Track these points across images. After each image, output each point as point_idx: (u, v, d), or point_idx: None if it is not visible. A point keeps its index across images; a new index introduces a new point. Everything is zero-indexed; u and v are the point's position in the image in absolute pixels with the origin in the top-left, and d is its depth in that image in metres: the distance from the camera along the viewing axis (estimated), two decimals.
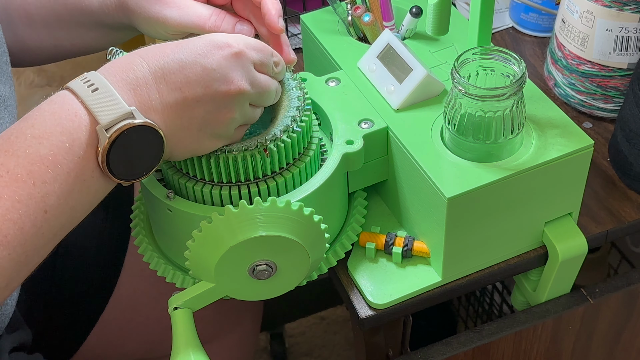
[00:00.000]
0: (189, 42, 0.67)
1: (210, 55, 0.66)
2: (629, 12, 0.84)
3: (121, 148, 0.62)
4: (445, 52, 0.85)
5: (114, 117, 0.61)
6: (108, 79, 0.63)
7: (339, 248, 0.78)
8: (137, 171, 0.65)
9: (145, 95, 0.64)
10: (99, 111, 0.62)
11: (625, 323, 0.92)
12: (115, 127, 0.61)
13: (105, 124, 0.61)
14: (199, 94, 0.65)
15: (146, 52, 0.66)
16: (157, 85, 0.64)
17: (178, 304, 0.72)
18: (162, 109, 0.64)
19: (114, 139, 0.61)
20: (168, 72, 0.65)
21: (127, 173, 0.64)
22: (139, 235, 0.81)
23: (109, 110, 0.62)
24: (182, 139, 0.66)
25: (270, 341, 1.57)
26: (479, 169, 0.73)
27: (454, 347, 0.82)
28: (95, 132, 0.62)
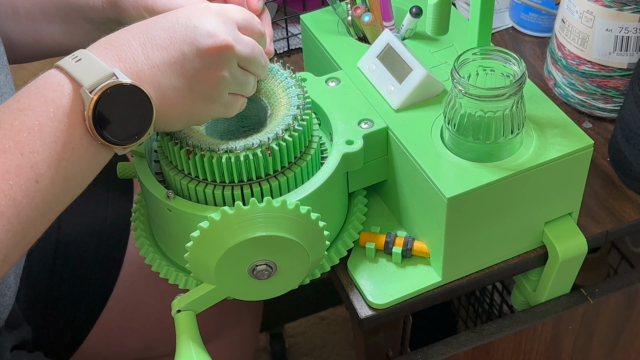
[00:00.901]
0: (170, 12, 0.68)
1: (192, 16, 0.67)
2: (629, 12, 0.84)
3: (107, 108, 0.62)
4: (445, 52, 0.85)
5: (96, 79, 0.62)
6: (92, 50, 0.65)
7: (341, 246, 0.78)
8: (128, 133, 0.64)
9: (130, 58, 0.64)
10: (80, 76, 0.62)
11: (625, 323, 0.92)
12: (98, 87, 0.62)
13: (88, 86, 0.62)
14: (184, 51, 0.65)
15: (130, 26, 0.67)
16: (142, 48, 0.65)
17: (181, 306, 0.72)
18: (148, 70, 0.65)
19: (97, 99, 0.62)
20: (152, 36, 0.65)
21: (118, 135, 0.64)
22: (140, 238, 0.81)
23: (91, 73, 0.62)
24: (173, 101, 0.66)
25: (270, 341, 1.57)
26: (479, 169, 0.73)
27: (454, 347, 0.82)
28: (77, 98, 0.62)
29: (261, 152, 0.70)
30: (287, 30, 1.04)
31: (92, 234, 0.98)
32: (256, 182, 0.72)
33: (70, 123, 0.62)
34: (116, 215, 1.00)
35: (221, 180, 0.72)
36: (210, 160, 0.70)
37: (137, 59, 0.65)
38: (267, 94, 0.76)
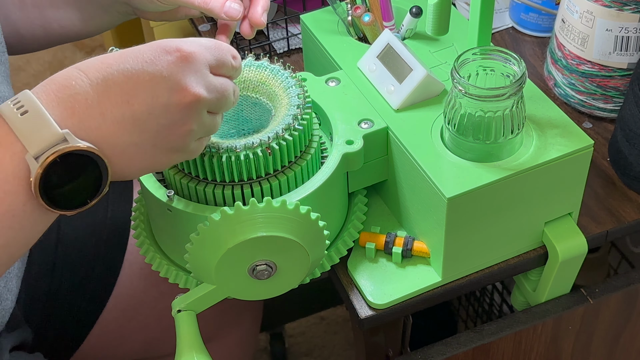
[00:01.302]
0: (133, 50, 0.60)
1: (159, 62, 0.59)
2: (629, 12, 0.84)
3: (57, 176, 0.56)
4: (445, 52, 0.85)
5: (44, 145, 0.55)
6: (41, 98, 0.57)
7: (341, 245, 0.78)
8: (80, 200, 0.58)
9: (86, 113, 0.57)
10: (26, 138, 0.55)
11: (625, 323, 0.92)
12: (46, 154, 0.55)
13: (34, 153, 0.55)
14: (149, 106, 0.58)
15: (87, 64, 0.59)
16: (100, 100, 0.57)
17: (181, 306, 0.72)
18: (106, 127, 0.58)
19: (45, 167, 0.55)
20: (112, 84, 0.58)
21: (67, 202, 0.58)
22: (140, 237, 0.81)
23: (38, 135, 0.55)
24: (133, 157, 0.60)
25: (270, 341, 1.57)
26: (479, 169, 0.73)
27: (454, 347, 0.82)
28: (22, 163, 0.56)
29: (261, 151, 0.70)
30: (287, 30, 1.04)
31: (92, 234, 0.98)
32: (256, 182, 0.72)
33: (11, 190, 0.56)
34: (116, 215, 1.00)
35: (222, 179, 0.72)
36: (211, 160, 0.70)
37: (94, 114, 0.57)
38: (269, 96, 0.76)
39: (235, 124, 0.78)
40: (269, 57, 0.91)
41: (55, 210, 0.57)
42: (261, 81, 0.77)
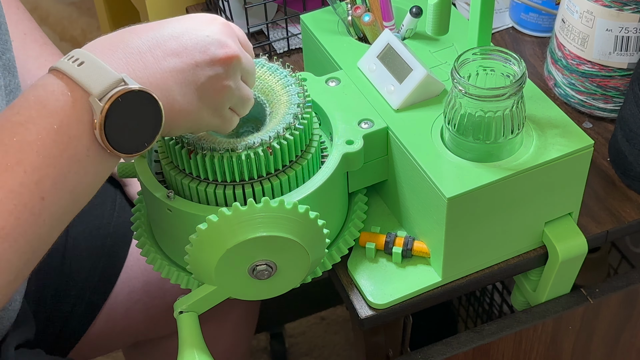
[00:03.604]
0: (175, 19, 0.66)
1: (201, 26, 0.66)
2: (629, 12, 0.84)
3: (118, 117, 0.59)
4: (445, 52, 0.85)
5: (105, 86, 0.59)
6: (95, 52, 0.61)
7: (342, 244, 0.78)
8: (138, 142, 0.62)
9: (140, 62, 0.62)
10: (88, 82, 0.59)
11: (625, 323, 0.92)
12: (108, 94, 0.58)
13: (97, 94, 0.58)
14: (197, 59, 0.64)
15: (133, 28, 0.64)
16: (152, 52, 0.62)
17: (183, 307, 0.72)
18: (160, 75, 0.62)
19: (109, 107, 0.58)
20: (162, 41, 0.63)
21: (128, 145, 0.61)
22: (142, 238, 0.81)
23: (99, 79, 0.59)
24: (182, 108, 0.64)
25: (270, 341, 1.57)
26: (479, 169, 0.73)
27: (454, 347, 0.82)
28: (84, 107, 0.59)
29: (262, 150, 0.70)
30: (287, 30, 1.04)
31: (100, 227, 0.99)
32: (257, 181, 0.72)
33: (76, 135, 0.59)
34: (123, 205, 1.01)
35: (222, 179, 0.72)
36: (212, 160, 0.70)
37: (148, 64, 0.62)
38: (264, 92, 0.76)
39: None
40: (268, 57, 0.91)
41: (116, 152, 0.61)
42: (257, 77, 0.77)
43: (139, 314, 1.01)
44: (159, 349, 1.12)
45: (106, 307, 0.99)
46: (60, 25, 2.24)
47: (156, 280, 1.00)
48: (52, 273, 0.96)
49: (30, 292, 0.93)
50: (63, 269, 0.97)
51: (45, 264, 0.96)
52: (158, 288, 1.01)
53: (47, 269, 0.96)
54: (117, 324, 1.01)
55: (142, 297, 1.01)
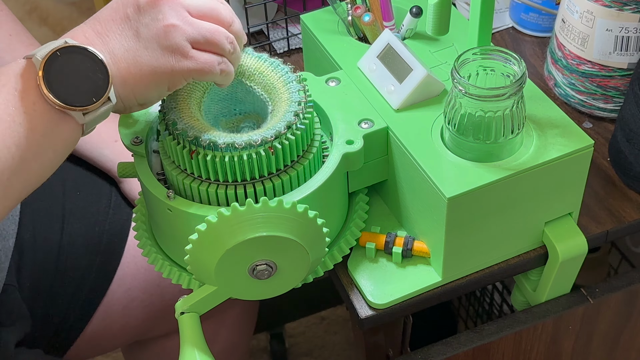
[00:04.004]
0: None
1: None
2: (629, 12, 0.84)
3: (57, 68, 0.62)
4: (445, 52, 0.85)
5: (47, 49, 0.63)
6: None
7: (344, 244, 0.78)
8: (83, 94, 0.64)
9: (81, 35, 0.65)
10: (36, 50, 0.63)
11: (625, 323, 0.92)
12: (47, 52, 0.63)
13: (40, 54, 0.63)
14: (128, 13, 0.66)
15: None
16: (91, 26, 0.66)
17: (184, 308, 0.72)
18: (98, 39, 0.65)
19: (47, 59, 0.62)
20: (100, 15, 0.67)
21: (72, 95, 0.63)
22: (142, 238, 0.81)
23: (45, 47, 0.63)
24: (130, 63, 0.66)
25: (270, 341, 1.57)
26: (479, 169, 0.73)
27: (454, 347, 0.82)
28: (32, 66, 0.63)
29: (264, 150, 0.70)
30: (287, 30, 1.04)
31: (96, 224, 0.99)
32: (259, 181, 0.72)
33: (22, 88, 0.62)
34: (118, 203, 1.01)
35: (224, 179, 0.72)
36: (214, 160, 0.70)
37: (87, 34, 0.65)
38: (265, 88, 0.76)
39: (227, 103, 0.78)
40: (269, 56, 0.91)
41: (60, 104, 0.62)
42: (258, 70, 0.76)
43: (136, 311, 1.02)
44: (158, 348, 1.12)
45: (103, 305, 0.99)
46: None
47: (154, 278, 1.00)
48: (48, 270, 0.96)
49: (25, 288, 0.94)
50: (58, 267, 0.97)
51: (40, 260, 0.96)
52: (155, 286, 1.01)
53: (42, 266, 0.96)
54: (114, 322, 1.01)
55: (140, 294, 1.01)
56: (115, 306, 1.00)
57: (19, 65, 0.63)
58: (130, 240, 1.00)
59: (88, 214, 1.00)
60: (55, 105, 0.62)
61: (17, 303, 0.91)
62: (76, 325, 0.99)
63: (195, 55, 0.67)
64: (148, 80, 0.67)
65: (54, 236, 0.97)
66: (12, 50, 0.97)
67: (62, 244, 0.98)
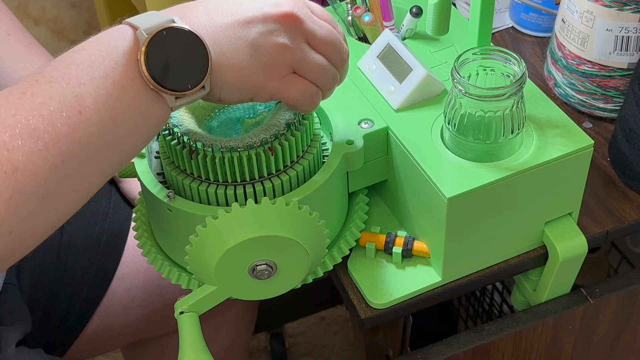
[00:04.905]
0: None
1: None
2: (629, 12, 0.84)
3: (161, 49, 0.61)
4: (445, 52, 0.85)
5: (153, 23, 0.61)
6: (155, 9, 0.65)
7: (344, 244, 0.78)
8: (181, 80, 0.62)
9: (194, 17, 0.64)
10: (140, 21, 0.62)
11: (625, 323, 0.92)
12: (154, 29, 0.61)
13: (144, 28, 0.61)
14: (250, 16, 0.65)
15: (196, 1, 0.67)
16: (208, 12, 0.64)
17: (184, 308, 0.72)
18: (211, 29, 0.64)
19: (151, 37, 0.60)
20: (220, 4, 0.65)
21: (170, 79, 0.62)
22: (142, 238, 0.81)
23: (151, 20, 0.62)
24: (232, 63, 0.64)
25: (270, 341, 1.57)
26: (479, 169, 0.73)
27: (454, 347, 0.82)
28: (135, 40, 0.61)
29: (264, 151, 0.70)
30: None
31: (95, 224, 0.99)
32: (258, 181, 0.72)
33: (123, 62, 0.60)
34: (118, 202, 1.01)
35: (224, 180, 0.72)
36: (213, 160, 0.70)
37: (201, 19, 0.64)
38: None
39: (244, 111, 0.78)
40: None
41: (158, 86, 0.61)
42: None
43: (136, 311, 1.02)
44: (157, 348, 1.12)
45: (103, 304, 0.99)
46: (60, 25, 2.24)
47: (153, 278, 1.00)
48: (47, 269, 0.97)
49: (25, 288, 0.94)
50: (58, 266, 0.97)
51: (40, 260, 0.96)
52: (155, 285, 1.01)
53: (42, 265, 0.96)
54: (114, 322, 1.01)
55: (139, 294, 1.01)
56: (115, 306, 1.00)
57: (123, 36, 0.61)
58: (130, 240, 1.00)
59: (88, 214, 1.00)
60: (150, 85, 0.61)
61: (17, 302, 0.91)
62: (76, 325, 0.99)
63: (290, 83, 0.67)
64: (239, 84, 0.66)
65: (54, 236, 0.97)
66: (11, 50, 0.97)
67: (62, 243, 0.98)
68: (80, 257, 0.98)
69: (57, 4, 2.28)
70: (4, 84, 0.96)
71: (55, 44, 2.17)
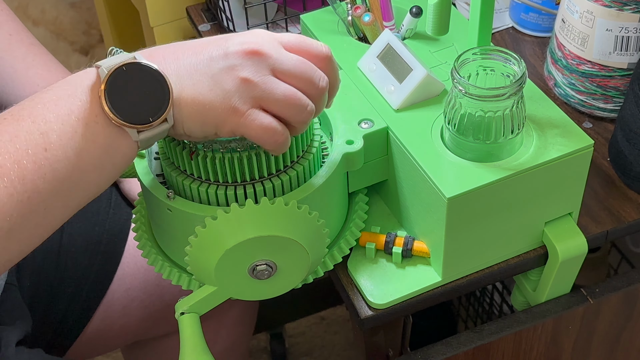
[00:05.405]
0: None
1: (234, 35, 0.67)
2: (629, 12, 0.84)
3: (121, 84, 0.62)
4: (445, 52, 0.85)
5: (116, 62, 0.62)
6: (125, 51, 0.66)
7: (344, 244, 0.78)
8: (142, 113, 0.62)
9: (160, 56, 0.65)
10: (104, 61, 0.63)
11: (625, 323, 0.92)
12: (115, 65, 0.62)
13: (106, 66, 0.62)
14: (213, 54, 0.65)
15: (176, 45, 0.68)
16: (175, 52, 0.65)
17: (184, 308, 0.72)
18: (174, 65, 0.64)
19: (112, 72, 0.61)
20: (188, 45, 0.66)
21: (131, 113, 0.62)
22: (142, 239, 0.81)
23: (115, 59, 0.63)
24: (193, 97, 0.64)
25: (270, 341, 1.57)
26: (479, 169, 0.73)
27: (454, 347, 0.82)
28: (98, 80, 0.62)
29: (264, 151, 0.70)
30: (287, 30, 1.04)
31: (96, 224, 0.99)
32: (258, 182, 0.72)
33: (87, 100, 0.62)
34: (119, 203, 1.01)
35: (224, 180, 0.72)
36: (213, 161, 0.70)
37: (166, 58, 0.65)
38: None
39: None
40: None
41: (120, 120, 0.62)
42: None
43: (136, 311, 1.02)
44: (157, 348, 1.12)
45: (103, 305, 0.99)
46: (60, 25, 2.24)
47: (153, 278, 1.00)
48: (48, 270, 0.97)
49: (25, 288, 0.94)
50: (58, 266, 0.97)
51: (40, 260, 0.96)
52: (155, 286, 1.01)
53: (42, 266, 0.96)
54: (114, 322, 1.01)
55: (139, 294, 1.01)
56: (115, 306, 1.00)
57: (88, 75, 0.63)
58: (130, 241, 1.00)
59: (88, 214, 1.00)
60: (112, 120, 0.62)
61: (17, 302, 0.91)
62: (76, 325, 0.99)
63: (250, 118, 0.65)
64: (200, 119, 0.65)
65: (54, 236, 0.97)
66: (12, 50, 0.97)
67: (62, 243, 0.98)
68: (80, 257, 0.98)
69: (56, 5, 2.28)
70: (5, 84, 0.96)
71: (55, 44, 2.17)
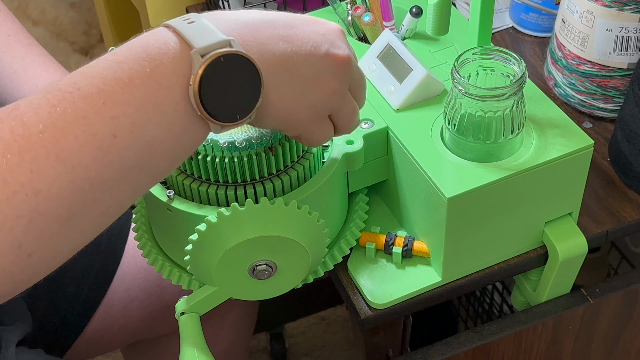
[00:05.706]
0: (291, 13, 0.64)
1: (316, 25, 0.63)
2: (629, 12, 0.84)
3: (216, 77, 0.56)
4: (445, 52, 0.85)
5: (210, 43, 0.56)
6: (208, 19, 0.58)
7: (344, 244, 0.78)
8: (231, 109, 0.58)
9: (251, 36, 0.59)
10: (193, 37, 0.56)
11: (625, 323, 0.92)
12: (212, 52, 0.55)
13: (200, 49, 0.55)
14: (308, 52, 0.61)
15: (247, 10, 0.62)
16: (265, 31, 0.59)
17: (184, 308, 0.72)
18: (269, 56, 0.59)
19: (209, 64, 0.55)
20: (275, 24, 0.60)
21: (220, 110, 0.57)
22: (142, 239, 0.81)
23: (205, 37, 0.56)
24: (282, 95, 0.61)
25: (270, 341, 1.57)
26: (479, 169, 0.73)
27: (454, 347, 0.82)
28: (183, 60, 0.55)
29: (264, 151, 0.70)
30: None
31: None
32: (259, 182, 0.72)
33: (167, 85, 0.55)
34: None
35: (224, 180, 0.72)
36: (213, 161, 0.70)
37: (259, 40, 0.59)
38: None
39: None
40: None
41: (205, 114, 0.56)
42: None
43: (136, 311, 1.02)
44: (158, 348, 1.12)
45: (103, 305, 0.99)
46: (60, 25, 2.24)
47: (154, 279, 1.00)
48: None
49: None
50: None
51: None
52: (155, 286, 1.01)
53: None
54: (115, 322, 1.01)
55: (140, 294, 1.01)
56: (115, 306, 1.00)
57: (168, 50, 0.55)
58: (130, 241, 1.00)
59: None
60: (198, 111, 0.56)
61: (17, 302, 0.91)
62: (76, 325, 0.99)
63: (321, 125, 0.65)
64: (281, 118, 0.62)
65: None
66: (11, 51, 0.97)
67: None
68: (80, 257, 0.98)
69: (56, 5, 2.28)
70: (3, 85, 0.96)
71: (55, 44, 2.17)
